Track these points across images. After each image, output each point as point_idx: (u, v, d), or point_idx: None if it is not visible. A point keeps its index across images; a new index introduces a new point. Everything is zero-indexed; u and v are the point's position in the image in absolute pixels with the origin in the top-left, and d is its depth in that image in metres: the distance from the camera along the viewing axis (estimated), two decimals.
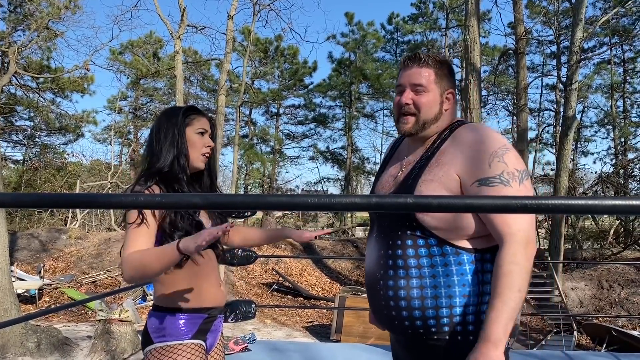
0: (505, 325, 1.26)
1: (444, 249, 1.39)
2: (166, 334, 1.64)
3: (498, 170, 1.36)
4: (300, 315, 11.77)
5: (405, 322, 1.41)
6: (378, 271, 1.48)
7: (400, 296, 1.40)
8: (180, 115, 1.70)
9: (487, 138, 1.41)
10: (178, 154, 1.66)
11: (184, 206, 0.91)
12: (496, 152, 1.37)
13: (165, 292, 1.68)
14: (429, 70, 1.50)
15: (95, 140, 31.98)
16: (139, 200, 0.89)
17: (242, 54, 20.97)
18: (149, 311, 1.72)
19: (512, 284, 1.28)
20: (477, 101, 10.95)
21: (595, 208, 0.81)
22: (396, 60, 28.10)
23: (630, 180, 22.01)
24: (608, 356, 4.15)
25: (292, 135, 30.50)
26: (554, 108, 24.65)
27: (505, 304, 1.27)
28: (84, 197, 0.93)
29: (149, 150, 1.72)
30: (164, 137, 1.67)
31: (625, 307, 11.73)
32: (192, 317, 1.68)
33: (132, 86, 27.79)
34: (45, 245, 14.35)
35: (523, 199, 0.84)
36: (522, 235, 1.31)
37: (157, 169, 1.66)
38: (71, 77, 21.68)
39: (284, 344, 4.38)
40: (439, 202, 0.86)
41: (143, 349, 1.70)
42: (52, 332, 7.30)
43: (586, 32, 13.88)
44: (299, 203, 0.88)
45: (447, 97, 1.53)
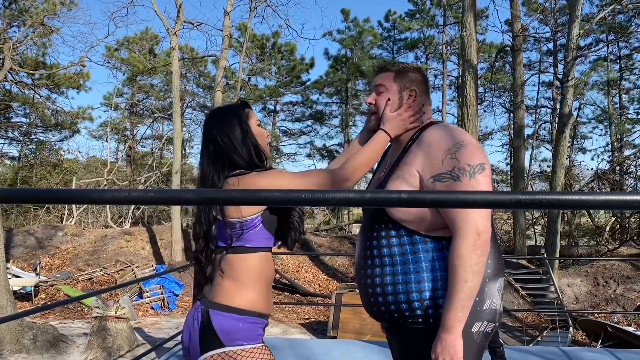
0: (456, 313, 1.37)
1: (413, 238, 1.50)
2: (241, 338, 1.56)
3: (450, 166, 1.46)
4: (297, 312, 11.78)
5: (382, 308, 1.52)
6: (360, 263, 1.61)
7: (376, 283, 1.52)
8: (242, 112, 1.74)
9: (445, 136, 1.52)
10: (254, 148, 1.70)
11: (177, 202, 0.90)
12: (450, 149, 1.47)
13: (243, 293, 1.60)
14: (390, 73, 1.67)
15: (91, 137, 31.93)
16: (131, 195, 0.89)
17: (239, 50, 20.93)
18: (210, 310, 1.58)
19: (459, 276, 1.37)
20: (473, 98, 10.96)
21: (589, 203, 0.81)
22: (393, 57, 28.08)
23: (627, 177, 22.07)
24: (603, 352, 4.16)
25: (289, 132, 30.51)
26: (550, 105, 24.71)
27: (454, 294, 1.37)
28: (77, 192, 0.92)
29: (218, 152, 1.69)
30: (234, 136, 1.69)
31: (621, 304, 11.79)
32: (262, 321, 1.64)
33: (128, 83, 27.70)
34: (41, 242, 14.32)
35: (517, 195, 0.85)
36: (469, 229, 1.38)
37: (241, 165, 1.67)
38: (67, 74, 21.60)
39: (281, 341, 4.39)
40: (432, 197, 0.86)
41: (203, 351, 1.56)
42: (48, 329, 7.29)
43: (583, 29, 13.90)
44: (293, 198, 0.88)
45: (410, 94, 1.65)
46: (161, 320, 10.02)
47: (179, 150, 15.08)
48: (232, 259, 1.61)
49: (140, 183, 22.18)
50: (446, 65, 26.17)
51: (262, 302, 1.63)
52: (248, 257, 1.61)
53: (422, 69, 1.75)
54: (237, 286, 1.60)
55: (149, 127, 28.55)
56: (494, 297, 1.50)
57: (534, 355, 3.94)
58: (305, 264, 14.83)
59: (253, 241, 1.61)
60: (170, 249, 14.06)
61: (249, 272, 1.61)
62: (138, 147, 28.41)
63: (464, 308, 1.37)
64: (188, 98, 28.45)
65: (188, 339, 1.62)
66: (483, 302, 1.47)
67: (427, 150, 1.51)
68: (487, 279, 1.48)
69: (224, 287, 1.60)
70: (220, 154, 1.68)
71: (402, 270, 1.49)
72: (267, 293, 1.66)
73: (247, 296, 1.60)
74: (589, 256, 15.45)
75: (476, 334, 1.46)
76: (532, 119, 25.77)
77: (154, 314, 10.73)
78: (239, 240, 1.60)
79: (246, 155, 1.68)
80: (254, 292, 1.61)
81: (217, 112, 1.78)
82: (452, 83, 26.94)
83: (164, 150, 27.46)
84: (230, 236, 1.60)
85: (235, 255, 1.61)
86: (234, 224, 1.59)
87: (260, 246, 1.62)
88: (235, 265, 1.61)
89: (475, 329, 1.46)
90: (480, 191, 1.22)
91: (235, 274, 1.61)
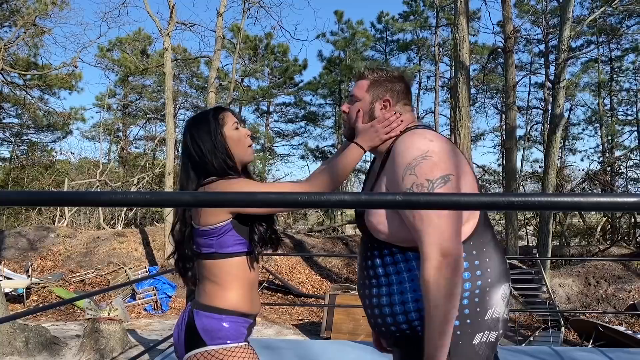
0: (434, 341, 1.31)
1: (407, 255, 1.44)
2: (223, 337, 1.59)
3: (408, 183, 1.37)
4: (291, 313, 11.77)
5: (382, 329, 1.49)
6: (359, 282, 1.59)
7: (374, 304, 1.49)
8: (212, 120, 1.72)
9: (407, 150, 1.42)
10: (225, 156, 1.69)
11: (174, 204, 0.91)
12: (410, 164, 1.38)
13: (224, 294, 1.63)
14: (365, 82, 1.60)
15: (83, 137, 31.75)
16: (128, 197, 0.89)
17: (232, 51, 20.90)
18: (195, 310, 1.63)
19: (429, 302, 1.31)
20: (465, 99, 11.00)
21: (581, 205, 0.82)
22: (386, 58, 28.16)
23: (617, 177, 22.24)
24: (595, 352, 4.19)
25: (283, 133, 30.50)
26: (542, 106, 24.86)
27: (428, 322, 1.32)
28: (73, 195, 0.92)
29: (192, 162, 1.71)
30: (205, 146, 1.68)
31: (612, 303, 11.87)
32: (246, 320, 1.68)
33: (120, 83, 27.58)
34: (33, 243, 14.23)
35: (509, 196, 0.86)
36: (432, 250, 1.31)
37: (214, 174, 1.68)
38: (59, 74, 21.47)
39: (274, 342, 4.39)
40: (426, 199, 0.86)
41: (187, 350, 1.61)
42: (40, 331, 7.24)
43: (574, 30, 14.00)
44: (289, 200, 0.88)
45: (384, 104, 1.57)
46: (154, 322, 9.98)
47: (172, 152, 15.04)
48: (210, 264, 1.65)
49: (132, 184, 22.08)
50: (439, 67, 26.25)
51: (245, 302, 1.66)
52: (224, 262, 1.64)
53: (405, 75, 1.65)
54: (218, 288, 1.63)
55: (141, 128, 28.48)
56: (496, 305, 1.43)
57: (527, 355, 3.96)
58: (298, 265, 14.83)
59: (226, 247, 1.63)
60: (163, 250, 14.02)
61: (227, 275, 1.64)
62: (131, 148, 28.33)
63: (441, 333, 1.30)
64: (181, 99, 28.37)
65: (176, 338, 1.67)
66: (485, 312, 1.41)
67: (392, 166, 1.44)
68: (487, 287, 1.42)
69: (207, 290, 1.65)
70: (194, 164, 1.70)
71: (399, 290, 1.44)
72: (249, 294, 1.68)
73: (229, 297, 1.63)
74: (580, 256, 15.56)
75: (478, 346, 1.40)
76: (524, 120, 25.93)
77: (147, 315, 10.69)
78: (212, 247, 1.63)
79: (217, 164, 1.68)
80: (235, 293, 1.64)
81: (190, 122, 1.78)
82: (444, 84, 27.04)
83: (157, 151, 27.36)
84: (204, 243, 1.64)
85: (212, 260, 1.64)
86: (206, 231, 1.62)
87: (234, 251, 1.64)
88: (213, 269, 1.65)
89: (477, 341, 1.40)
90: (474, 193, 1.15)
91: (215, 277, 1.64)
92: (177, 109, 27.85)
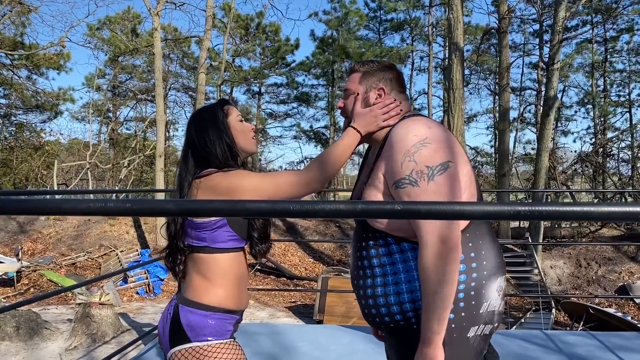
0: (431, 326, 1.32)
1: (402, 246, 1.44)
2: (207, 333, 1.58)
3: (408, 170, 1.37)
4: (284, 296, 11.81)
5: (377, 319, 1.49)
6: (354, 274, 1.58)
7: (368, 295, 1.49)
8: (218, 111, 1.74)
9: (405, 136, 1.41)
10: (228, 148, 1.70)
11: (156, 213, 0.85)
12: (409, 150, 1.38)
13: (212, 290, 1.62)
14: (357, 74, 1.61)
15: (73, 118, 31.41)
16: (107, 206, 0.84)
17: (223, 31, 20.62)
18: (180, 305, 1.61)
19: (427, 289, 1.32)
20: (459, 81, 10.92)
21: (592, 214, 0.79)
22: (379, 38, 27.91)
23: (609, 159, 22.35)
24: (586, 335, 4.21)
25: (275, 114, 30.31)
26: (535, 87, 24.81)
27: (426, 308, 1.33)
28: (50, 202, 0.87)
29: (194, 152, 1.71)
30: (209, 137, 1.70)
31: (602, 285, 12.00)
32: (232, 317, 1.66)
33: (110, 63, 27.17)
34: (23, 226, 14.12)
35: (516, 206, 0.82)
36: (431, 237, 1.31)
37: (216, 165, 1.67)
38: (46, 54, 21.13)
39: (266, 326, 4.37)
40: (427, 208, 0.82)
41: (172, 346, 1.59)
42: (31, 316, 7.19)
43: (569, 11, 13.88)
44: (280, 210, 0.84)
45: (378, 93, 1.57)
46: (146, 305, 9.97)
47: (162, 134, 14.88)
48: (200, 258, 1.63)
49: (123, 166, 21.92)
50: (432, 47, 26.07)
51: (232, 299, 1.65)
52: (215, 257, 1.62)
53: (395, 66, 1.64)
54: (205, 284, 1.62)
55: (132, 108, 28.16)
56: (492, 298, 1.43)
57: (518, 339, 3.97)
58: (291, 248, 14.84)
59: (219, 242, 1.62)
60: (155, 233, 13.96)
61: (216, 270, 1.63)
62: (121, 130, 28.03)
63: (439, 319, 1.32)
64: (172, 79, 28.04)
65: (161, 332, 1.65)
66: (480, 306, 1.40)
67: (390, 153, 1.42)
68: (483, 280, 1.41)
69: (194, 285, 1.63)
70: (196, 155, 1.70)
71: (393, 280, 1.44)
72: (237, 290, 1.67)
73: (216, 293, 1.61)
74: (571, 237, 15.68)
75: (473, 339, 1.41)
76: (517, 101, 25.89)
77: (139, 299, 10.67)
78: (205, 241, 1.62)
79: (220, 155, 1.68)
80: (222, 290, 1.62)
81: (195, 114, 1.79)
82: (438, 65, 26.89)
83: (148, 132, 27.11)
84: (197, 236, 1.62)
85: (203, 254, 1.63)
86: (199, 224, 1.60)
87: (227, 247, 1.63)
88: (203, 264, 1.63)
89: (472, 334, 1.40)
90: (479, 202, 1.11)
91: (204, 272, 1.62)
92: (168, 89, 27.54)
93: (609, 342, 3.90)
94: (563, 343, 3.87)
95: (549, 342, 3.90)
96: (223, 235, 1.61)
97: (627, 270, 12.20)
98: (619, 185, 20.88)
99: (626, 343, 3.89)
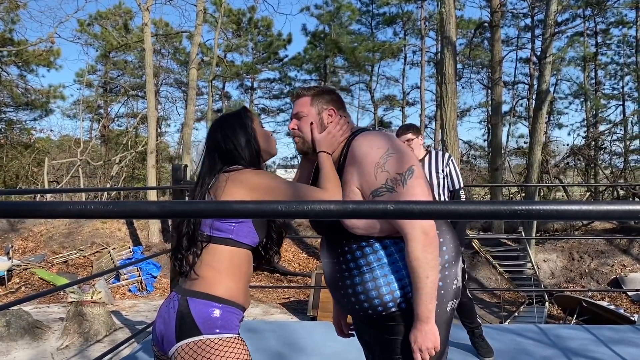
0: (427, 305, 1.52)
1: (384, 243, 1.60)
2: (219, 326, 1.55)
3: (382, 179, 1.56)
4: (277, 292, 11.79)
5: (369, 311, 1.62)
6: (336, 276, 1.69)
7: (359, 291, 1.62)
8: (245, 117, 1.82)
9: (370, 150, 1.59)
10: (256, 152, 1.78)
11: (138, 215, 0.82)
12: (378, 162, 1.57)
13: (225, 282, 1.61)
14: (306, 98, 1.79)
15: (64, 115, 31.17)
16: (87, 208, 0.82)
17: (214, 26, 20.49)
18: (189, 298, 1.57)
19: (420, 275, 1.51)
20: (452, 75, 10.90)
21: (590, 213, 0.78)
22: (372, 32, 27.84)
23: (601, 152, 22.45)
24: (580, 329, 4.23)
25: (268, 109, 30.18)
26: (527, 81, 24.85)
27: (421, 290, 1.51)
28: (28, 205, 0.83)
29: (222, 154, 1.76)
30: (238, 141, 1.77)
31: (595, 278, 12.06)
32: (240, 313, 1.65)
33: (101, 59, 26.93)
34: (13, 224, 14.00)
35: (512, 205, 0.79)
36: (416, 231, 1.50)
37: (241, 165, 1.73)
38: (36, 50, 20.90)
39: (260, 324, 4.35)
40: (420, 208, 0.81)
41: (179, 340, 1.54)
42: (21, 315, 7.12)
43: (560, 5, 13.88)
44: (268, 210, 0.82)
45: (329, 114, 1.76)
46: (139, 303, 9.92)
47: (154, 130, 14.78)
48: (218, 250, 1.63)
49: (115, 163, 21.78)
50: (425, 41, 26.05)
51: (241, 294, 1.65)
52: (234, 251, 1.64)
53: (336, 90, 1.87)
54: (218, 275, 1.61)
55: (123, 104, 27.95)
56: (458, 276, 1.67)
57: (512, 333, 3.97)
58: (285, 243, 14.77)
59: (241, 236, 1.63)
60: (147, 230, 13.89)
61: (231, 264, 1.63)
62: (112, 126, 27.82)
63: (432, 299, 1.52)
64: (163, 75, 27.85)
65: (162, 328, 1.60)
66: (452, 284, 1.63)
67: (360, 167, 1.59)
68: (453, 261, 1.64)
69: (205, 276, 1.60)
70: (222, 157, 1.76)
71: (382, 273, 1.59)
72: (245, 288, 1.68)
73: (228, 285, 1.61)
74: (564, 231, 15.74)
75: (450, 312, 1.65)
76: (510, 95, 25.93)
77: (132, 296, 10.62)
78: (229, 233, 1.62)
79: (249, 156, 1.76)
80: (233, 283, 1.62)
81: (220, 120, 1.86)
82: (430, 59, 26.87)
83: (139, 128, 26.93)
84: (221, 227, 1.62)
85: (221, 246, 1.63)
86: None
87: (246, 242, 1.65)
88: (219, 255, 1.62)
89: (449, 308, 1.64)
90: (475, 201, 1.13)
91: (218, 264, 1.62)
92: (160, 85, 27.36)
93: (602, 335, 3.91)
94: (557, 337, 3.87)
95: (543, 335, 3.90)
96: (245, 230, 1.64)
97: (619, 263, 12.26)
98: (611, 179, 20.99)
99: (619, 336, 3.90)
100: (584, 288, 11.46)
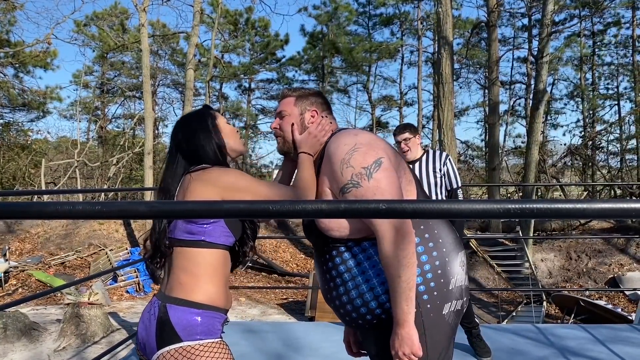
0: (402, 308, 1.43)
1: (363, 246, 1.55)
2: (200, 332, 1.53)
3: (348, 175, 1.50)
4: (275, 293, 11.77)
5: (359, 321, 1.57)
6: (324, 288, 1.67)
7: (345, 301, 1.58)
8: (207, 115, 1.80)
9: (338, 148, 1.55)
10: (218, 148, 1.74)
11: (127, 215, 0.81)
12: (344, 159, 1.51)
13: (203, 287, 1.59)
14: (290, 97, 1.78)
15: (61, 116, 31.10)
16: (76, 209, 0.81)
17: (211, 26, 20.47)
18: (168, 305, 1.54)
19: (391, 274, 1.43)
20: (449, 75, 10.91)
21: (585, 212, 0.78)
22: (369, 33, 27.84)
23: (598, 152, 22.48)
24: (577, 328, 4.22)
25: (266, 110, 30.15)
26: (524, 81, 24.87)
27: (394, 292, 1.43)
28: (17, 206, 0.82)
29: (184, 154, 1.73)
30: (200, 138, 1.73)
31: (593, 277, 12.07)
32: (221, 316, 1.63)
33: (98, 60, 26.88)
34: (10, 226, 13.96)
35: (506, 203, 0.79)
36: (384, 227, 1.43)
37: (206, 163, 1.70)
38: (33, 52, 20.85)
39: (258, 325, 4.34)
40: (413, 207, 0.80)
41: (159, 347, 1.52)
42: (18, 317, 7.10)
43: (557, 4, 13.90)
44: (259, 210, 0.81)
45: (312, 115, 1.74)
46: (137, 304, 9.89)
47: (151, 131, 14.74)
48: (190, 253, 1.60)
49: (112, 164, 21.73)
50: (422, 42, 26.05)
51: (221, 297, 1.63)
52: (207, 252, 1.61)
53: (322, 92, 1.86)
54: (195, 280, 1.58)
55: (120, 105, 27.91)
56: (457, 274, 1.56)
57: (510, 333, 3.97)
58: (282, 244, 14.80)
59: (215, 237, 1.60)
60: (145, 231, 13.85)
61: (207, 266, 1.61)
62: (110, 127, 27.77)
63: (407, 299, 1.42)
64: (160, 76, 27.81)
65: (144, 334, 1.58)
66: (449, 283, 1.53)
67: (329, 166, 1.56)
68: (446, 257, 1.54)
69: (182, 282, 1.58)
70: (185, 156, 1.73)
71: (364, 279, 1.53)
72: (225, 289, 1.66)
73: (206, 290, 1.59)
74: (562, 230, 15.76)
75: (447, 315, 1.53)
76: (507, 95, 25.95)
77: (130, 297, 10.59)
78: (201, 235, 1.59)
79: (211, 153, 1.72)
80: (212, 286, 1.60)
81: (181, 120, 1.82)
82: (427, 59, 26.87)
83: (137, 129, 26.88)
84: (192, 229, 1.59)
85: (195, 249, 1.60)
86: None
87: (220, 243, 1.62)
88: (194, 259, 1.60)
89: (446, 311, 1.52)
90: (468, 200, 1.11)
91: (194, 268, 1.59)
92: (157, 86, 27.32)
93: (600, 334, 3.91)
94: (554, 336, 3.87)
95: (541, 335, 3.90)
96: (218, 230, 1.60)
97: (617, 262, 12.27)
98: (608, 178, 21.02)
99: (617, 335, 3.90)
100: (581, 287, 11.47)
